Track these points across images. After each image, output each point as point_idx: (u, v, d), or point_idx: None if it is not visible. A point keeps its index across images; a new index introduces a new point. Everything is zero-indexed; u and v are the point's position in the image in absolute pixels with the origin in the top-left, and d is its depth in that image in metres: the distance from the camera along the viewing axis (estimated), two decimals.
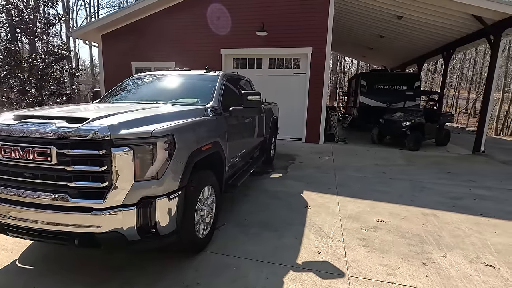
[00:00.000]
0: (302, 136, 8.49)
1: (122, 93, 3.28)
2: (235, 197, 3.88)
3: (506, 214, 3.53)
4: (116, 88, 3.42)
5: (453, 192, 4.35)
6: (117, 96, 3.20)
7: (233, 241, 2.73)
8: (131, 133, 1.79)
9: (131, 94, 3.21)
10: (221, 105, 3.02)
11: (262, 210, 3.48)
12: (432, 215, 3.47)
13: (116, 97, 3.20)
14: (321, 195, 4.08)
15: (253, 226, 3.06)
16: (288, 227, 3.05)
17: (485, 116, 7.25)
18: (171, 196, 1.92)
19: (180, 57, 9.05)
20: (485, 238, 2.90)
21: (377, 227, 3.10)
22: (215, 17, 8.56)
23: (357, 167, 5.75)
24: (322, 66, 7.97)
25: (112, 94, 3.31)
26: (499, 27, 6.75)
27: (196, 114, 2.47)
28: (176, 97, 3.10)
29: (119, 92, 3.31)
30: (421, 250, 2.64)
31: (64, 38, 23.04)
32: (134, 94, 3.20)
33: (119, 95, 3.22)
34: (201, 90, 3.12)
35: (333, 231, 2.98)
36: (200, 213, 2.44)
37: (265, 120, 4.97)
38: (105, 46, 9.81)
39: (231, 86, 3.60)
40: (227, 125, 2.97)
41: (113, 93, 3.31)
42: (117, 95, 3.23)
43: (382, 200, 3.92)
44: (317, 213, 3.45)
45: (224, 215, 3.30)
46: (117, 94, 3.25)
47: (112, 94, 3.29)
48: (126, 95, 3.20)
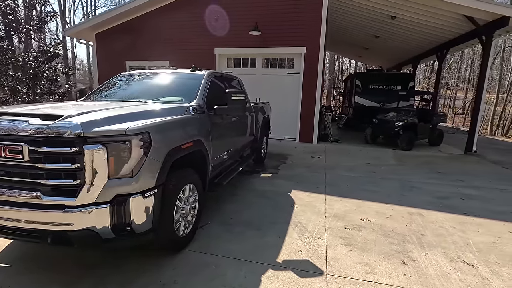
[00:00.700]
0: (296, 135, 8.50)
1: (107, 91, 3.26)
2: (222, 196, 3.88)
3: (491, 214, 3.55)
4: (102, 86, 3.41)
5: (441, 192, 4.36)
6: (102, 94, 3.19)
7: (216, 239, 2.73)
8: (104, 130, 1.78)
9: (116, 92, 3.20)
10: (206, 104, 3.02)
11: (248, 209, 3.48)
12: (418, 214, 3.48)
13: (100, 95, 3.19)
14: (309, 194, 4.08)
15: (237, 225, 3.06)
16: (272, 226, 3.05)
17: (477, 116, 7.28)
18: (146, 194, 1.91)
19: (174, 56, 9.03)
20: (468, 237, 2.91)
21: (362, 226, 3.11)
22: (209, 16, 8.55)
23: (348, 166, 5.76)
24: (315, 66, 7.98)
25: (97, 92, 3.30)
26: (491, 27, 6.77)
27: (176, 112, 2.47)
28: (160, 95, 3.09)
29: (104, 90, 3.30)
30: (403, 249, 2.64)
31: (60, 37, 22.95)
32: (119, 92, 3.19)
33: (104, 93, 3.21)
34: (186, 89, 3.11)
35: (317, 230, 2.98)
36: (181, 212, 2.43)
37: (255, 119, 4.97)
38: (99, 45, 9.78)
39: (218, 85, 3.60)
40: (211, 123, 2.96)
41: (98, 91, 3.30)
42: (101, 93, 3.22)
43: (370, 200, 3.93)
44: (303, 212, 3.45)
45: (210, 214, 3.30)
46: (102, 92, 3.24)
47: (97, 92, 3.28)
48: (111, 93, 3.19)
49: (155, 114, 2.28)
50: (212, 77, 3.40)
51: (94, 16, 9.61)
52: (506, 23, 6.35)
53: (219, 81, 3.73)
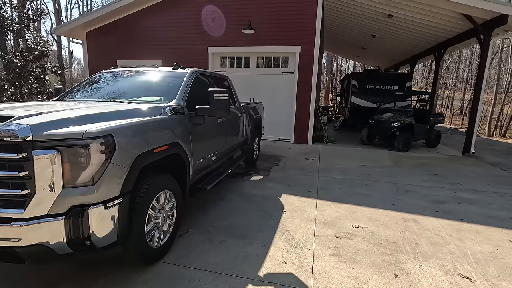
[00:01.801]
0: (291, 136, 8.32)
1: (82, 90, 3.07)
2: (208, 200, 3.70)
3: (490, 220, 3.37)
4: (78, 85, 3.22)
5: (438, 196, 4.19)
6: (76, 94, 3.00)
7: (195, 250, 2.54)
8: (58, 133, 1.59)
9: (91, 92, 3.01)
10: (187, 104, 2.83)
11: (234, 215, 3.29)
12: (413, 220, 3.30)
13: (74, 94, 2.99)
14: (300, 199, 3.90)
15: (220, 233, 2.87)
16: (257, 234, 2.86)
17: (475, 116, 7.13)
18: (109, 204, 1.72)
19: (166, 55, 8.83)
20: (465, 246, 2.73)
21: (353, 234, 2.92)
22: (202, 14, 8.36)
23: (342, 168, 5.58)
24: (310, 65, 7.80)
25: (72, 91, 3.10)
26: (489, 26, 6.61)
27: (150, 113, 2.28)
28: (139, 95, 2.90)
29: (80, 89, 3.10)
30: (395, 260, 2.46)
31: (56, 36, 22.66)
32: (94, 92, 3.00)
33: (79, 93, 3.01)
34: (166, 88, 2.92)
35: (304, 238, 2.80)
36: (155, 221, 2.24)
37: (245, 120, 4.79)
38: (90, 43, 9.56)
39: (204, 84, 3.41)
40: (192, 125, 2.77)
41: (73, 91, 3.10)
42: (76, 93, 3.02)
43: (363, 204, 3.75)
44: (291, 218, 3.26)
45: (192, 220, 3.11)
46: (77, 92, 3.05)
47: (72, 92, 3.08)
48: (86, 93, 2.99)
49: (125, 115, 2.08)
50: (195, 76, 3.21)
51: (85, 13, 9.37)
52: (505, 21, 6.20)
53: (204, 80, 3.54)
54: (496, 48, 19.73)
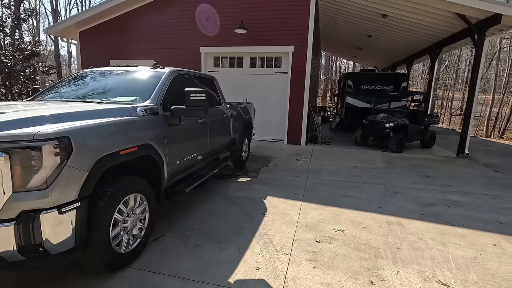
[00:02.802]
0: (284, 137, 8.24)
1: (57, 90, 3.00)
2: (190, 202, 3.62)
3: (476, 223, 3.29)
4: (54, 85, 3.15)
5: (427, 198, 4.11)
6: (50, 94, 2.93)
7: (168, 254, 2.47)
8: (6, 135, 1.52)
9: (66, 92, 2.94)
10: (164, 104, 2.76)
11: (215, 218, 3.22)
12: (397, 224, 3.22)
13: (48, 94, 2.92)
14: (285, 201, 3.83)
15: (197, 236, 2.80)
16: (235, 238, 2.78)
17: (469, 117, 7.04)
18: (64, 209, 1.65)
19: (159, 55, 8.76)
20: (448, 251, 2.65)
21: (333, 237, 2.85)
22: (195, 14, 8.29)
23: (333, 170, 5.50)
24: (303, 65, 7.72)
25: (46, 91, 3.03)
26: (483, 26, 6.53)
27: (118, 114, 2.20)
28: (114, 95, 2.83)
29: (54, 89, 3.03)
30: (373, 265, 2.38)
31: (53, 37, 22.61)
32: (69, 92, 2.93)
33: (53, 93, 2.94)
34: (142, 88, 2.85)
35: (283, 242, 2.72)
36: (123, 225, 2.17)
37: (232, 120, 4.71)
38: (83, 43, 9.51)
39: (185, 84, 3.33)
40: (168, 126, 2.70)
41: (48, 91, 3.03)
42: (50, 93, 2.95)
43: (348, 207, 3.68)
44: (273, 221, 3.19)
45: (170, 223, 3.04)
46: (52, 92, 2.98)
47: (47, 92, 3.01)
48: (60, 93, 2.92)
49: (90, 115, 2.01)
50: (174, 76, 3.14)
51: (78, 13, 9.32)
52: (498, 21, 6.11)
53: (186, 80, 3.47)
54: (495, 49, 19.63)
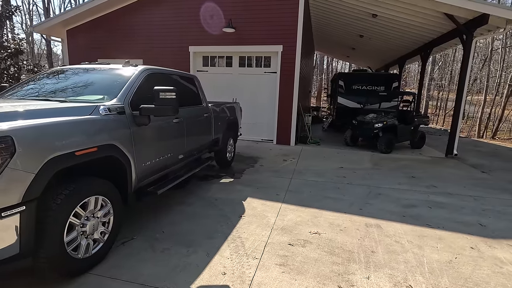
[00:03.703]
0: (273, 137, 8.17)
1: (24, 88, 2.89)
2: (165, 204, 3.53)
3: (456, 225, 3.24)
4: (21, 83, 3.04)
5: (410, 199, 4.05)
6: (14, 92, 2.82)
7: (133, 259, 2.37)
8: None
9: (30, 90, 2.82)
10: (133, 103, 2.67)
11: (189, 221, 3.13)
12: (376, 226, 3.15)
13: (12, 93, 2.81)
14: (265, 203, 3.75)
15: (167, 240, 2.70)
16: (206, 241, 2.70)
17: (457, 118, 7.01)
18: (5, 213, 1.55)
19: (147, 54, 8.67)
20: (423, 254, 2.59)
21: (308, 241, 2.77)
22: (183, 12, 8.19)
23: (319, 170, 5.43)
24: (292, 65, 7.65)
25: (12, 89, 2.92)
26: (471, 26, 6.51)
27: (77, 113, 2.11)
28: (81, 93, 2.73)
29: (20, 87, 2.92)
30: (345, 270, 2.31)
31: (45, 36, 22.35)
32: (34, 90, 2.82)
33: (17, 91, 2.83)
34: (110, 86, 2.75)
35: (255, 246, 2.64)
36: (81, 229, 2.08)
37: (215, 120, 4.62)
38: (70, 42, 9.37)
39: (161, 83, 3.24)
40: (136, 125, 2.61)
41: (13, 89, 2.92)
42: (15, 91, 2.84)
43: (329, 209, 3.60)
44: (248, 224, 3.10)
45: (142, 226, 2.94)
46: (17, 90, 2.87)
47: (12, 90, 2.90)
48: (24, 91, 2.81)
49: (43, 114, 1.92)
50: (147, 74, 3.05)
51: (65, 11, 9.18)
52: (486, 21, 6.09)
53: (162, 79, 3.37)
54: (487, 50, 19.73)
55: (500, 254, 2.64)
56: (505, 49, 18.67)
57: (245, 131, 7.89)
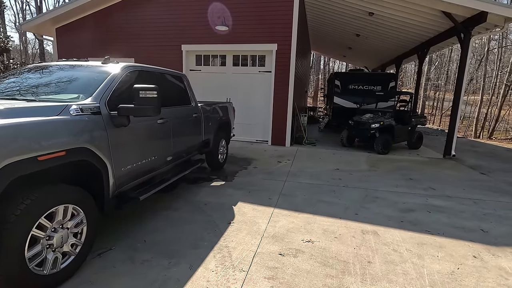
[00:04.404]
0: (268, 138, 7.99)
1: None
2: (150, 209, 3.32)
3: (457, 231, 3.07)
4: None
5: (407, 203, 3.89)
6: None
7: (108, 272, 2.17)
8: None
9: (2, 87, 2.62)
10: (111, 103, 2.47)
11: (173, 228, 2.93)
12: (373, 233, 2.98)
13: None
14: (256, 208, 3.56)
15: (148, 250, 2.51)
16: (190, 251, 2.50)
17: (455, 118, 6.88)
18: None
19: (139, 53, 8.45)
20: (423, 265, 2.41)
21: (300, 250, 2.59)
22: (176, 10, 7.99)
23: (314, 172, 5.26)
24: (287, 64, 7.47)
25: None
26: (469, 24, 6.37)
27: (43, 113, 1.90)
28: (55, 91, 2.53)
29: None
30: (339, 284, 2.13)
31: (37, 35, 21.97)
32: (4, 88, 2.61)
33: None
34: (87, 84, 2.55)
35: (243, 256, 2.45)
36: (47, 242, 1.88)
37: (205, 121, 4.43)
38: (60, 40, 9.11)
39: (145, 82, 3.05)
40: (114, 126, 2.41)
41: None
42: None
43: (323, 214, 3.42)
44: (237, 231, 2.91)
45: (122, 234, 2.74)
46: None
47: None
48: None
49: (3, 114, 1.71)
50: (128, 72, 2.85)
51: (54, 8, 8.92)
52: (484, 19, 5.95)
53: (146, 77, 3.17)
54: (483, 50, 19.71)
55: (505, 263, 2.47)
56: (501, 49, 18.66)
57: (239, 131, 7.71)
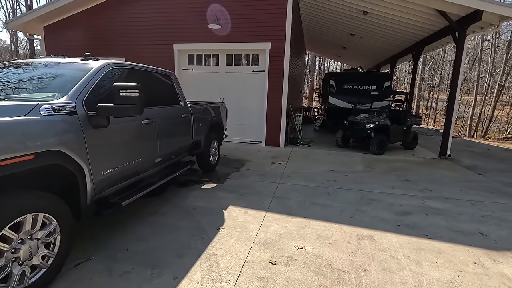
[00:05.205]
0: (262, 138, 7.84)
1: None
2: (135, 214, 3.15)
3: (455, 235, 2.96)
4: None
5: (404, 205, 3.77)
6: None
7: (84, 285, 2.00)
8: None
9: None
10: (90, 102, 2.30)
11: (158, 235, 2.77)
12: (369, 238, 2.85)
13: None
14: (247, 212, 3.41)
15: (129, 259, 2.34)
16: (175, 261, 2.34)
17: (450, 118, 6.81)
18: None
19: (130, 52, 8.24)
20: (422, 273, 2.28)
21: (292, 258, 2.44)
22: (167, 8, 7.80)
23: (308, 174, 5.13)
24: (281, 63, 7.34)
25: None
26: (464, 23, 6.31)
27: (8, 113, 1.73)
28: (29, 90, 2.36)
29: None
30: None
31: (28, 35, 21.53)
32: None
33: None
34: (64, 82, 2.38)
35: (231, 265, 2.29)
36: (12, 255, 1.70)
37: (195, 121, 4.27)
38: (48, 39, 8.86)
39: (128, 80, 2.88)
40: (92, 128, 2.24)
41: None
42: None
43: (318, 218, 3.29)
44: (227, 237, 2.76)
45: (103, 243, 2.57)
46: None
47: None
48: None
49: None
50: (109, 69, 2.68)
51: (41, 5, 8.67)
52: (480, 17, 5.89)
53: (130, 75, 3.01)
54: (477, 50, 19.83)
55: (507, 269, 2.36)
56: (494, 49, 18.80)
57: (232, 132, 7.56)
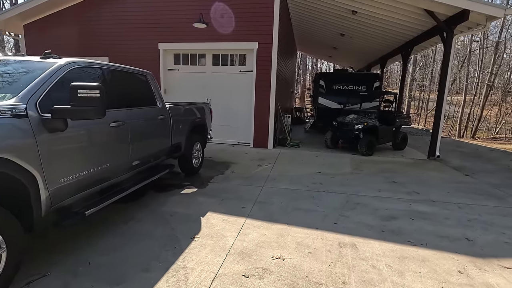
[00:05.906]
0: (250, 140, 7.68)
1: None
2: (106, 221, 2.96)
3: (441, 241, 2.84)
4: None
5: (390, 209, 3.65)
6: None
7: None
8: None
9: None
10: (45, 104, 2.11)
11: (127, 245, 2.58)
12: (351, 245, 2.71)
13: None
14: (226, 218, 3.24)
15: (90, 274, 2.15)
16: (140, 275, 2.16)
17: (439, 119, 6.76)
18: None
19: (114, 52, 8.00)
20: (404, 284, 2.15)
21: (268, 269, 2.28)
22: (152, 7, 7.59)
23: (294, 176, 4.98)
24: (269, 63, 7.20)
25: None
26: (451, 23, 6.27)
27: None
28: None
29: None
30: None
31: None
32: None
33: None
34: (17, 82, 2.18)
35: (201, 280, 2.13)
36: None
37: (174, 123, 4.08)
38: (28, 38, 8.55)
39: (94, 81, 2.70)
40: (46, 132, 2.05)
41: None
42: None
43: (299, 224, 3.14)
44: (200, 247, 2.59)
45: (63, 255, 2.37)
46: None
47: None
48: None
49: None
50: (72, 68, 2.49)
51: (21, 2, 8.37)
52: (467, 17, 5.84)
53: (97, 75, 2.82)
54: (466, 51, 20.05)
55: (492, 279, 2.24)
56: (483, 50, 19.02)
57: (220, 133, 7.38)
